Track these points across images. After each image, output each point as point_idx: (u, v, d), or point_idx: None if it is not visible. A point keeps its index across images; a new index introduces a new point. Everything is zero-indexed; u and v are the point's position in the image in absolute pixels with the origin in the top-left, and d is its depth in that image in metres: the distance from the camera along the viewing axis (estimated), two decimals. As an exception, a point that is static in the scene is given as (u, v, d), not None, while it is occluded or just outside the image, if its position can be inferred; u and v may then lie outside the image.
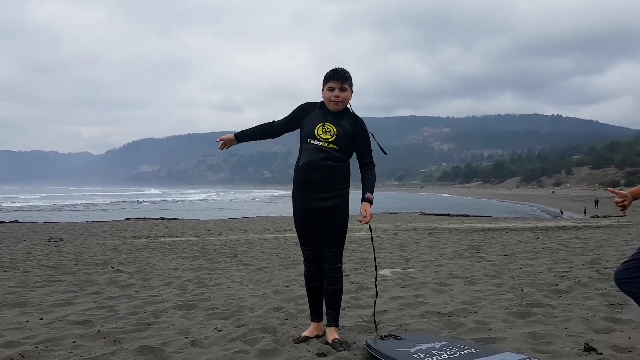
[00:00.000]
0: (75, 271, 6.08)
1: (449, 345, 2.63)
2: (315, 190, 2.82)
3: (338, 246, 2.88)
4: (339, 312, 2.95)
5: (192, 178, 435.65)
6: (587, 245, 8.09)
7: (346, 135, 2.83)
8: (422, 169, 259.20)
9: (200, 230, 14.71)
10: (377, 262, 6.31)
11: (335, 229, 2.85)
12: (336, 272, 2.88)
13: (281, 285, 4.84)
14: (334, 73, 2.82)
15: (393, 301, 3.97)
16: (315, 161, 2.79)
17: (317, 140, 2.80)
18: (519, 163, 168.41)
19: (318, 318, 3.03)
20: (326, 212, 2.83)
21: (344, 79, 2.81)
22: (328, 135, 2.80)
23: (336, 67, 2.85)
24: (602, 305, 3.58)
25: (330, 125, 2.83)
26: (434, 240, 9.95)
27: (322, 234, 2.88)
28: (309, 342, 2.91)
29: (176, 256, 7.66)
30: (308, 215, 2.88)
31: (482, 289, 4.40)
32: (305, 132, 2.86)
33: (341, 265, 2.92)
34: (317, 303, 3.01)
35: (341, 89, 2.81)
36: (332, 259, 2.87)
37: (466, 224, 16.83)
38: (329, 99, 2.84)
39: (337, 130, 2.81)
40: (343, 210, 2.88)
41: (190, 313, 3.76)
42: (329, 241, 2.86)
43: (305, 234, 2.94)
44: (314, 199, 2.83)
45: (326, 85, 2.84)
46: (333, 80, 2.81)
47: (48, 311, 3.88)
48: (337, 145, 2.80)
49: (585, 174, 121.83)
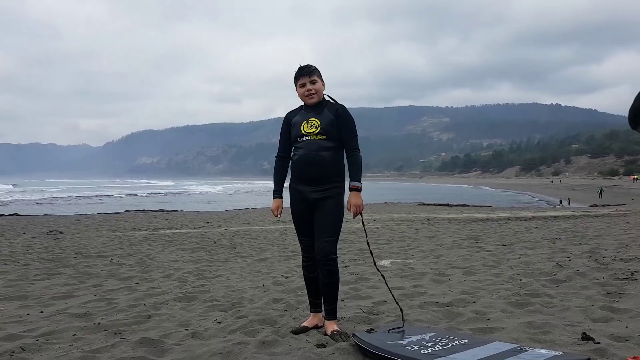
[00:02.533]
0: (75, 264, 6.10)
1: (438, 336, 2.65)
2: (311, 183, 2.90)
3: (332, 235, 2.86)
4: (335, 306, 2.95)
5: (191, 169, 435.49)
6: (585, 234, 8.12)
7: (330, 123, 2.92)
8: (421, 159, 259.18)
9: (199, 222, 14.73)
10: (376, 253, 6.35)
11: (329, 217, 2.87)
12: (330, 265, 2.84)
13: (281, 277, 4.85)
14: (300, 70, 2.98)
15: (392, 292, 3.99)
16: (308, 154, 2.88)
17: (305, 136, 2.91)
18: (518, 152, 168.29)
19: (317, 309, 3.05)
20: (321, 202, 2.89)
21: (311, 72, 2.96)
22: (313, 128, 2.91)
23: (301, 65, 2.99)
24: (600, 295, 3.60)
25: (313, 119, 2.94)
26: (433, 230, 9.98)
27: (316, 223, 2.91)
28: (308, 333, 2.92)
29: (176, 248, 7.68)
30: (305, 207, 2.94)
31: (481, 279, 4.42)
32: (294, 134, 2.98)
33: (336, 257, 2.88)
34: (315, 294, 3.04)
35: (311, 81, 2.95)
36: (325, 250, 2.83)
37: (465, 214, 16.86)
38: (303, 94, 2.97)
39: (320, 122, 2.92)
40: (338, 201, 2.92)
41: (190, 305, 3.78)
42: (322, 230, 2.87)
43: (302, 225, 2.99)
44: (309, 191, 2.90)
45: (297, 84, 2.99)
46: (301, 76, 2.96)
47: (48, 304, 3.90)
48: (324, 135, 2.90)
49: (584, 162, 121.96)
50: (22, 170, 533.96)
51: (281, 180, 3.09)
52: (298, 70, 2.98)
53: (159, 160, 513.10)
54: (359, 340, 2.63)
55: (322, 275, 2.89)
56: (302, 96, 2.99)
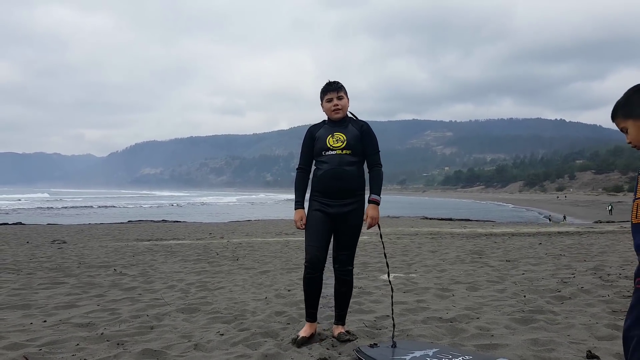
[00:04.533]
0: (79, 273, 6.10)
1: (442, 352, 2.64)
2: (335, 197, 2.98)
3: (351, 249, 3.06)
4: (346, 312, 3.13)
5: (195, 181, 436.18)
6: (590, 251, 8.07)
7: (355, 138, 3.00)
8: (425, 173, 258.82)
9: (202, 234, 14.72)
10: (379, 267, 6.33)
11: (351, 232, 3.03)
12: (347, 275, 3.05)
13: (283, 290, 4.84)
14: (328, 86, 3.05)
15: (395, 306, 3.96)
16: (334, 169, 2.95)
17: (331, 150, 2.98)
18: (521, 167, 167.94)
19: (313, 318, 3.11)
20: (344, 217, 2.98)
21: (338, 88, 3.04)
22: (339, 142, 2.98)
23: (329, 80, 3.07)
24: (605, 312, 3.57)
25: (339, 133, 3.01)
26: (436, 244, 9.94)
27: (336, 237, 3.04)
28: (311, 347, 2.92)
29: (178, 259, 7.68)
30: (325, 217, 3.00)
31: (485, 294, 4.40)
32: (318, 147, 3.03)
33: (352, 268, 3.07)
34: (314, 304, 3.08)
35: (338, 97, 3.03)
36: (344, 262, 3.04)
37: (468, 229, 16.79)
38: (329, 109, 3.04)
39: (346, 137, 2.99)
40: (359, 216, 3.02)
41: (193, 316, 3.77)
42: (343, 244, 3.04)
43: (317, 232, 3.00)
44: (333, 205, 2.98)
45: (324, 99, 3.05)
46: (329, 92, 3.04)
47: (51, 313, 3.90)
48: (349, 150, 2.97)
49: (588, 178, 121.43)
50: (26, 180, 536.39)
51: (302, 191, 3.13)
52: (326, 85, 3.06)
53: (162, 171, 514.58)
54: (362, 355, 2.62)
55: (338, 284, 3.07)
56: (328, 111, 3.06)
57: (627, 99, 1.72)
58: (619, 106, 1.75)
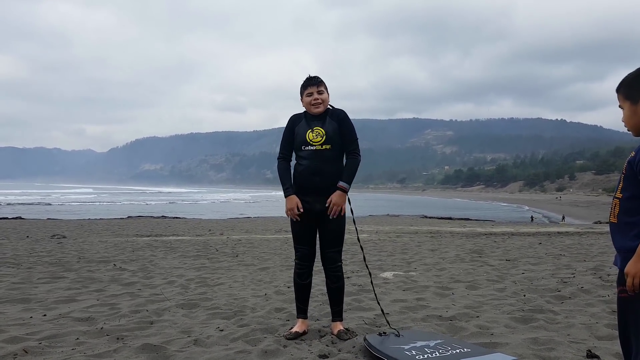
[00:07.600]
0: (78, 268, 6.10)
1: (443, 344, 2.69)
2: (315, 193, 2.96)
3: (338, 246, 3.06)
4: (342, 307, 3.14)
5: (195, 177, 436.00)
6: (590, 251, 8.07)
7: (334, 131, 2.99)
8: (425, 172, 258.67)
9: (201, 230, 14.73)
10: (379, 265, 6.34)
11: (336, 230, 3.02)
12: (337, 271, 3.07)
13: (282, 286, 4.84)
14: (308, 80, 3.05)
15: (395, 304, 3.97)
16: (313, 165, 2.94)
17: (310, 145, 2.96)
18: (522, 167, 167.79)
19: (304, 315, 3.15)
20: (326, 214, 2.96)
21: (318, 83, 3.03)
22: (319, 137, 2.96)
23: (309, 75, 3.07)
24: (605, 312, 3.58)
25: (318, 128, 2.99)
26: (435, 243, 9.94)
27: (322, 235, 3.04)
28: (311, 343, 2.92)
29: (178, 255, 7.68)
30: (307, 217, 3.00)
31: (484, 293, 4.40)
32: (298, 141, 3.02)
33: (341, 263, 3.10)
34: (304, 300, 3.13)
35: (318, 91, 3.02)
36: (332, 259, 3.05)
37: (468, 228, 16.79)
38: (309, 103, 3.02)
39: (325, 131, 2.97)
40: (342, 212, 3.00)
41: (193, 312, 3.77)
42: (329, 242, 3.03)
43: (303, 234, 3.07)
44: (314, 202, 2.97)
45: (304, 93, 3.04)
46: (310, 86, 3.05)
47: (51, 307, 3.90)
48: (329, 145, 2.96)
49: (588, 179, 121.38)
50: (26, 174, 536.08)
51: (289, 177, 3.07)
52: (306, 80, 3.05)
53: (162, 167, 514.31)
54: (367, 344, 2.73)
55: (330, 281, 3.08)
56: (307, 105, 3.04)
57: (632, 80, 1.71)
58: (624, 83, 1.74)
